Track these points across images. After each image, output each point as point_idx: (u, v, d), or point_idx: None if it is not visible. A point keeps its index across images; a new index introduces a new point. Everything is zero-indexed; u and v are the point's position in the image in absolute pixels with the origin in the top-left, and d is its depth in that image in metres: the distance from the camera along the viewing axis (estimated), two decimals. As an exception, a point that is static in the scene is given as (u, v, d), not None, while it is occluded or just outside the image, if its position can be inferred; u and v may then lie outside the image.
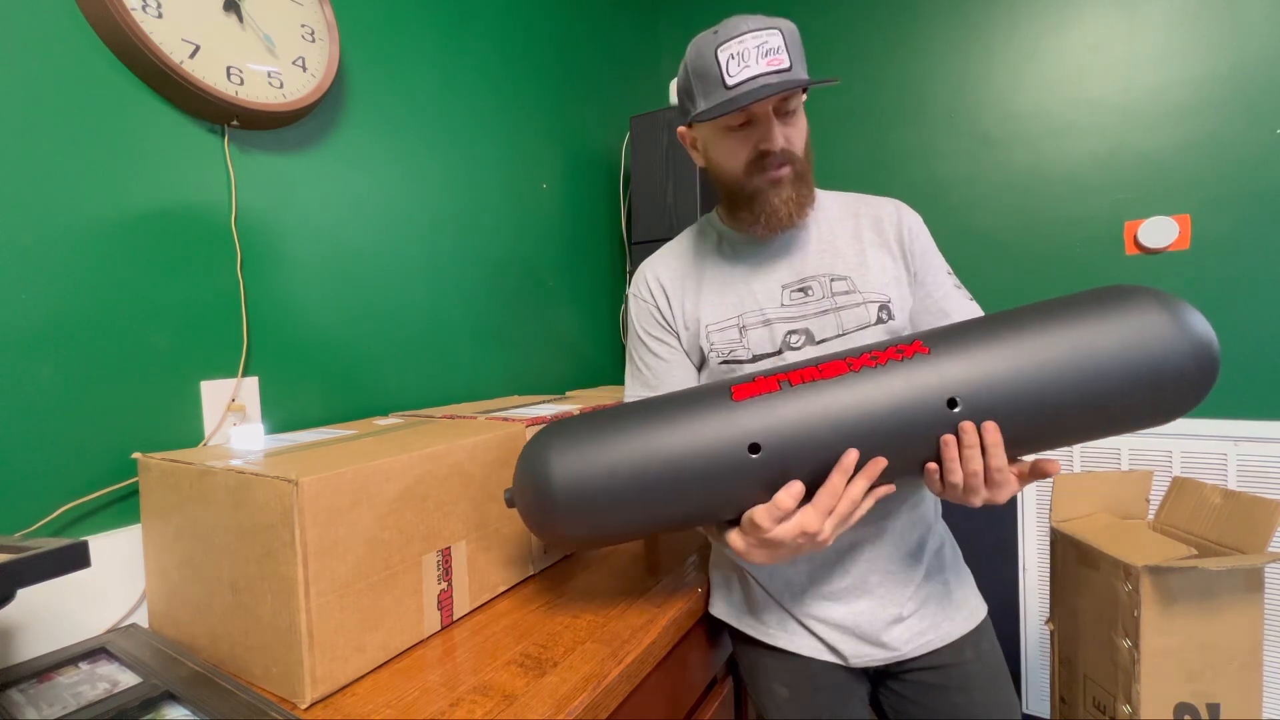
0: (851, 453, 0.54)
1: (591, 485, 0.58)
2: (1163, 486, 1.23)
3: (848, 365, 0.57)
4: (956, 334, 0.58)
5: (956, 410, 0.54)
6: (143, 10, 0.72)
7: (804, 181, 0.72)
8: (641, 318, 0.82)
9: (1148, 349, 0.53)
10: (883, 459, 0.56)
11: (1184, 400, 0.55)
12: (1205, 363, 0.54)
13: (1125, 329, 0.54)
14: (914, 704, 0.74)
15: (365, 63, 1.05)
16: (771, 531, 0.56)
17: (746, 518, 0.58)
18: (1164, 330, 0.53)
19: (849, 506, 0.56)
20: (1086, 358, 0.54)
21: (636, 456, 0.58)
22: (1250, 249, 1.35)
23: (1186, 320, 0.54)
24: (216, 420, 0.82)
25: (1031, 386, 0.54)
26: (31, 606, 0.63)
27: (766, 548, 0.59)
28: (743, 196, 0.73)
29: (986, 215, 1.62)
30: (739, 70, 0.65)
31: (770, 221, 0.72)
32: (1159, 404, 0.55)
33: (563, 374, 1.55)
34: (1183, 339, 0.53)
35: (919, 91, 1.68)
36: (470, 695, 0.57)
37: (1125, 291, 0.56)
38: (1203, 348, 0.54)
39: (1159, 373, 0.53)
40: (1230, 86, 1.36)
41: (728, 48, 0.65)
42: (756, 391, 0.58)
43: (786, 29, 0.67)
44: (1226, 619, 0.98)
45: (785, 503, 0.55)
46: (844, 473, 0.55)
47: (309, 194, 0.96)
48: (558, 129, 1.57)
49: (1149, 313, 0.54)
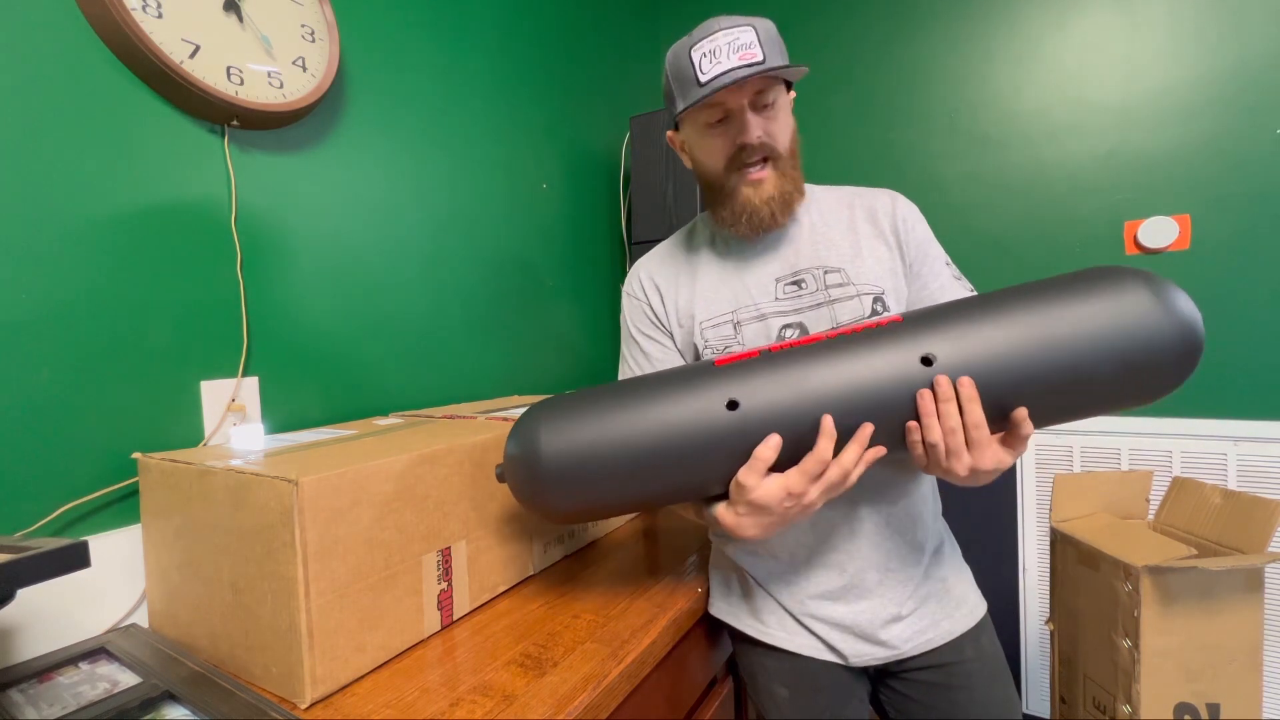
0: (828, 418, 0.55)
1: (578, 455, 0.59)
2: (1163, 486, 1.23)
3: (825, 337, 0.59)
4: (936, 309, 0.59)
5: (932, 367, 0.55)
6: (143, 10, 0.72)
7: (788, 180, 0.72)
8: (634, 316, 0.82)
9: (1127, 323, 0.53)
10: (869, 425, 0.56)
11: (1165, 379, 0.55)
12: (1188, 341, 0.53)
13: (1105, 303, 0.54)
14: (915, 703, 0.74)
15: (365, 63, 1.05)
16: (756, 491, 0.56)
17: (733, 483, 0.58)
18: (1145, 306, 0.53)
19: (839, 474, 0.56)
20: (1065, 329, 0.54)
21: (622, 425, 0.58)
22: (1250, 249, 1.35)
23: (1169, 298, 0.54)
24: (216, 420, 0.82)
25: (1008, 354, 0.54)
26: (31, 606, 0.63)
27: (755, 514, 0.58)
28: (724, 195, 0.73)
29: (986, 215, 1.62)
30: (711, 67, 0.66)
31: (752, 221, 0.72)
32: (1139, 381, 0.55)
33: (562, 373, 1.55)
34: (1165, 317, 0.53)
35: (919, 91, 1.68)
36: (470, 695, 0.57)
37: (1109, 270, 0.57)
38: (1186, 326, 0.53)
39: (1139, 348, 0.53)
40: (1230, 87, 1.36)
41: (700, 47, 0.67)
42: (737, 359, 0.60)
43: (761, 26, 0.68)
44: (1226, 619, 0.98)
45: (764, 453, 0.55)
46: (829, 437, 0.55)
47: (309, 194, 0.96)
48: (558, 129, 1.57)
49: (1131, 289, 0.54)
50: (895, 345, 0.56)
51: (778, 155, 0.71)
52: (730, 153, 0.71)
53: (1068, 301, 0.55)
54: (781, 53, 0.69)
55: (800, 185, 0.75)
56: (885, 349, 0.56)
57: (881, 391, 0.55)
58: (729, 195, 0.72)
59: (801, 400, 0.56)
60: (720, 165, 0.72)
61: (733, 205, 0.72)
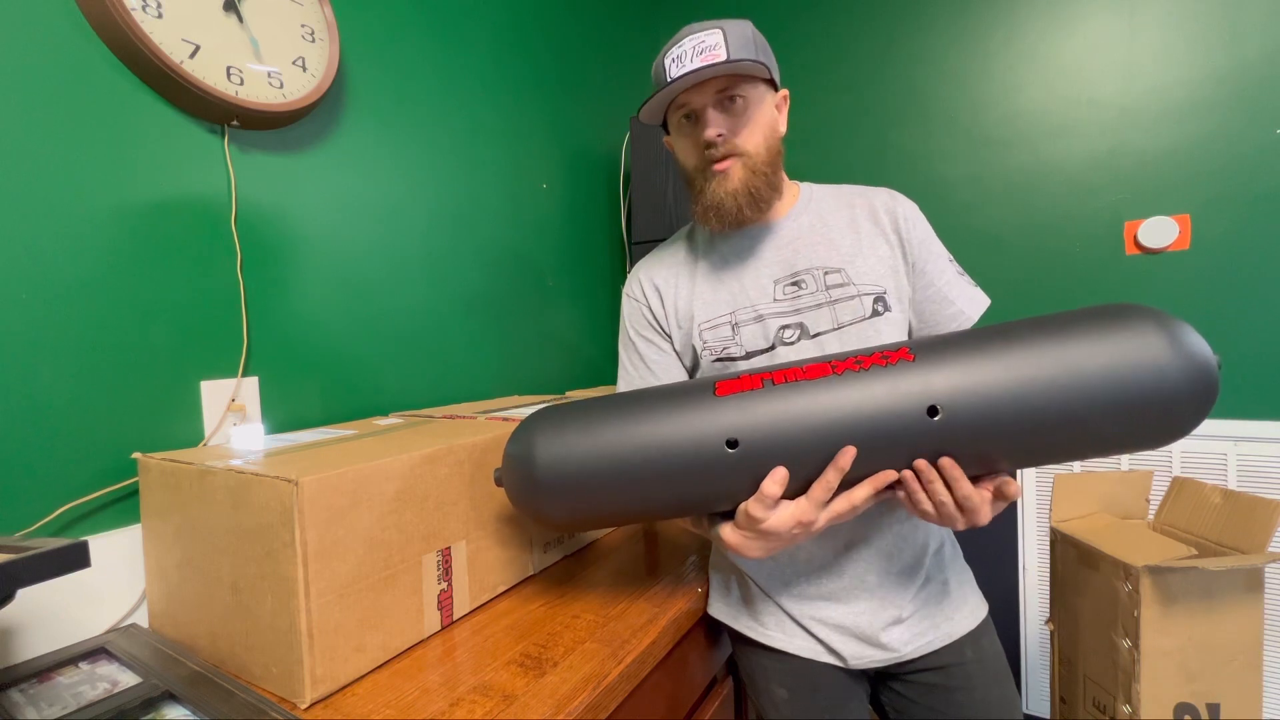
0: (849, 450, 0.54)
1: (571, 468, 0.59)
2: (1163, 486, 1.23)
3: (831, 368, 0.57)
4: (944, 343, 0.57)
5: (936, 419, 0.53)
6: (143, 10, 0.72)
7: (758, 176, 0.72)
8: (634, 318, 0.82)
9: (1140, 369, 0.51)
10: (891, 472, 0.56)
11: (1177, 426, 0.53)
12: (1201, 388, 0.51)
13: (1118, 347, 0.52)
14: (915, 704, 0.74)
15: (365, 63, 1.05)
16: (767, 521, 0.57)
17: (741, 510, 0.59)
18: (1159, 351, 0.51)
19: (847, 507, 0.57)
20: (1075, 374, 0.52)
21: (617, 444, 0.59)
22: (1250, 249, 1.35)
23: (1183, 341, 0.52)
24: (216, 420, 0.82)
25: (1016, 400, 0.53)
26: (31, 606, 0.63)
27: (762, 539, 0.59)
28: (695, 191, 0.75)
29: (987, 215, 1.62)
30: (677, 70, 0.68)
31: (720, 215, 0.72)
32: (1151, 427, 0.53)
33: (562, 373, 1.55)
34: (1178, 361, 0.51)
35: (919, 91, 1.68)
36: (470, 695, 0.57)
37: (1122, 310, 0.55)
38: (1200, 371, 0.51)
39: (1151, 395, 0.51)
40: (1230, 86, 1.36)
41: (670, 53, 0.70)
42: (738, 388, 0.58)
43: (732, 28, 0.69)
44: (1226, 619, 0.98)
45: (771, 489, 0.56)
46: (839, 471, 0.55)
47: (309, 194, 0.96)
48: (558, 129, 1.57)
49: (1144, 332, 0.52)
50: (901, 389, 0.54)
51: (744, 152, 0.71)
52: (699, 150, 0.72)
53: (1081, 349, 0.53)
54: (753, 52, 0.70)
55: (778, 184, 0.75)
56: (890, 392, 0.55)
57: (882, 437, 0.55)
58: (699, 191, 0.74)
59: (803, 438, 0.55)
60: (693, 163, 0.74)
61: (702, 200, 0.73)
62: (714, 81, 0.69)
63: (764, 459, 0.56)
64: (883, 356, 0.57)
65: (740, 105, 0.70)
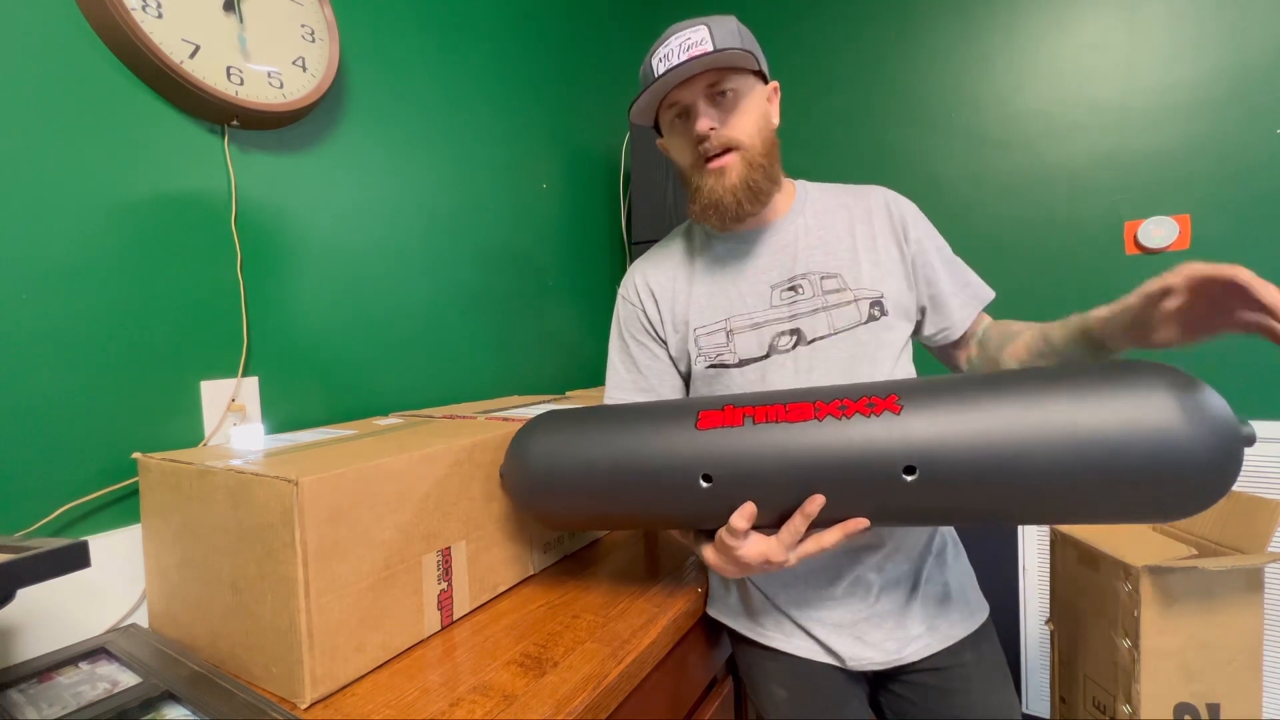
0: (817, 498, 0.54)
1: (562, 474, 0.64)
2: (1163, 486, 1.22)
3: (814, 410, 0.55)
4: (934, 394, 0.53)
5: (912, 479, 0.51)
6: (143, 10, 0.72)
7: (755, 169, 0.71)
8: (628, 321, 0.82)
9: (1144, 436, 0.45)
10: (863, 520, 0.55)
11: (1190, 500, 0.47)
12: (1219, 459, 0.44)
13: (1121, 410, 0.46)
14: (914, 705, 0.74)
15: (365, 63, 1.05)
16: (738, 550, 0.59)
17: (718, 535, 0.61)
18: (1169, 415, 0.44)
19: (816, 548, 0.58)
20: (1069, 438, 0.47)
21: (604, 459, 0.62)
22: (1250, 249, 1.35)
23: (1200, 405, 0.45)
24: (216, 420, 0.82)
25: (1000, 464, 0.48)
26: (31, 606, 0.63)
27: (735, 565, 0.61)
28: (692, 190, 0.74)
29: (986, 215, 1.62)
30: (663, 67, 0.68)
31: (720, 211, 0.72)
32: (1157, 501, 0.47)
33: (562, 373, 1.55)
34: (1190, 428, 0.44)
35: (919, 91, 1.68)
36: (470, 695, 0.57)
37: (1133, 367, 0.49)
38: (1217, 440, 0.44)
39: (1157, 466, 0.45)
40: (1230, 86, 1.36)
41: (658, 52, 0.70)
42: (719, 423, 0.58)
43: (718, 24, 0.69)
44: (1226, 619, 0.98)
45: (738, 524, 0.57)
46: (805, 517, 0.55)
47: (309, 194, 0.96)
48: (558, 129, 1.57)
49: (1153, 393, 0.46)
50: (880, 443, 0.52)
51: (740, 145, 0.70)
52: (693, 147, 0.72)
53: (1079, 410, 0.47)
54: (739, 44, 0.69)
55: (776, 177, 0.74)
56: (869, 445, 0.52)
57: (856, 488, 0.54)
58: (696, 189, 0.73)
59: (776, 480, 0.55)
60: (688, 160, 0.73)
61: (700, 199, 0.72)
62: (703, 76, 0.69)
63: (736, 495, 0.57)
64: (869, 405, 0.54)
65: (731, 98, 0.70)
